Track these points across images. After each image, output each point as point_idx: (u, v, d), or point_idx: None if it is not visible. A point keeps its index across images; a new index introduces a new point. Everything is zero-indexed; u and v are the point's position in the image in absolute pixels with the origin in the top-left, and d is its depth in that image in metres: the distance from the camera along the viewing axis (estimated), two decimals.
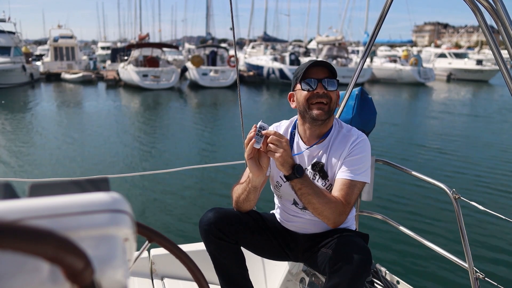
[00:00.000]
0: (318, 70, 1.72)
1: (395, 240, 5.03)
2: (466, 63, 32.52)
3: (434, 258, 4.51)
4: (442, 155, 9.87)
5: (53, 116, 15.43)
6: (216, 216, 1.75)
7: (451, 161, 9.25)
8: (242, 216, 1.82)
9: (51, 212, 0.45)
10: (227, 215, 1.78)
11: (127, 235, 0.51)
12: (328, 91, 1.70)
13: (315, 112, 1.71)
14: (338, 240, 1.62)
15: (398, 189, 7.08)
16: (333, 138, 1.78)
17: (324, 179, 1.76)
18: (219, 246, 1.77)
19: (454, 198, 1.78)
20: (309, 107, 1.72)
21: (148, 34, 37.68)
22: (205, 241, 1.79)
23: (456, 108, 18.57)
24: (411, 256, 4.82)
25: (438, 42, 55.69)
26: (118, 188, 6.74)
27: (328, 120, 1.75)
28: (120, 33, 76.59)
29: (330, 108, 1.72)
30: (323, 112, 1.70)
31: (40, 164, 8.80)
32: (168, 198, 6.74)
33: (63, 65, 29.51)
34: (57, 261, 0.40)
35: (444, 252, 1.91)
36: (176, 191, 7.03)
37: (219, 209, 1.80)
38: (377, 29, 2.22)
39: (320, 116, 1.71)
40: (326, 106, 1.71)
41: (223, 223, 1.75)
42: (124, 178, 7.09)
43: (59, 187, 0.53)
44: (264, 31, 46.13)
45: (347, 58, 28.90)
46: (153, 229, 0.79)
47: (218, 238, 1.75)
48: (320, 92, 1.69)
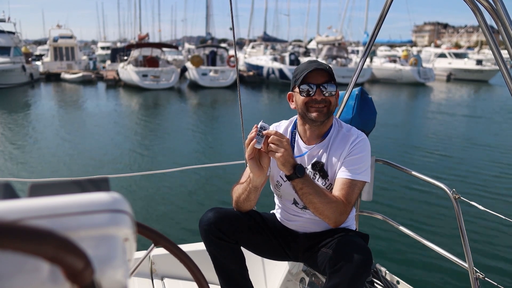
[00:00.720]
0: (317, 74, 1.71)
1: (395, 240, 5.03)
2: (466, 63, 32.53)
3: (434, 258, 4.51)
4: (442, 155, 9.88)
5: (53, 116, 15.42)
6: (216, 216, 1.75)
7: (451, 161, 9.26)
8: (242, 216, 1.82)
9: (51, 212, 0.45)
10: (227, 215, 1.78)
11: (127, 235, 0.51)
12: (327, 97, 1.70)
13: (313, 115, 1.72)
14: (338, 240, 1.62)
15: (398, 189, 7.08)
16: (333, 138, 1.78)
17: (324, 178, 1.76)
18: (219, 246, 1.77)
19: (454, 198, 1.78)
20: (308, 109, 1.73)
21: (148, 34, 37.71)
22: (205, 241, 1.79)
23: (456, 108, 18.58)
24: (411, 256, 4.83)
25: (438, 42, 55.69)
26: (118, 188, 6.74)
27: (328, 120, 1.76)
28: (119, 33, 76.71)
29: (329, 110, 1.73)
30: (321, 114, 1.71)
31: (40, 164, 8.80)
32: (168, 198, 6.74)
33: (62, 65, 29.52)
34: (57, 261, 0.40)
35: (444, 252, 1.91)
36: (176, 191, 7.04)
37: (219, 209, 1.80)
38: (377, 29, 2.22)
39: (319, 118, 1.72)
40: (324, 108, 1.71)
41: (223, 223, 1.75)
42: (124, 178, 7.09)
43: (59, 187, 0.53)
44: (264, 31, 46.17)
45: (346, 58, 28.90)
46: (159, 232, 0.79)
47: (218, 238, 1.75)
48: (319, 99, 1.70)
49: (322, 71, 1.71)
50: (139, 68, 23.31)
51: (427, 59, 34.50)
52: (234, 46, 2.35)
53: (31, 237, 0.38)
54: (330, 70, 1.73)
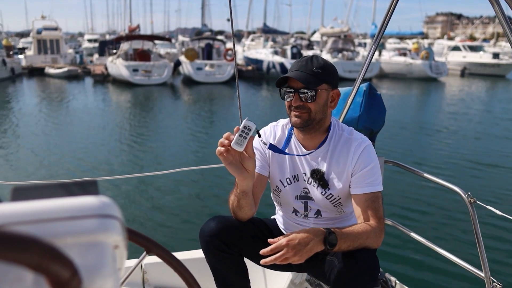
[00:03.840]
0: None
1: (406, 248, 5.03)
2: (481, 57, 32.56)
3: (447, 267, 4.51)
4: (456, 156, 9.88)
5: (37, 114, 15.41)
6: (219, 227, 1.72)
7: (466, 163, 9.25)
8: (246, 225, 1.79)
9: (35, 217, 0.45)
10: (231, 224, 1.76)
11: (117, 242, 0.51)
12: (306, 103, 1.65)
13: (293, 119, 1.70)
14: None
15: (409, 193, 7.08)
16: (332, 144, 1.75)
17: (324, 188, 1.75)
18: (221, 258, 1.75)
19: (470, 202, 1.78)
20: (290, 112, 1.72)
21: (139, 25, 37.70)
22: (206, 253, 1.77)
23: (470, 105, 18.60)
24: (422, 265, 4.83)
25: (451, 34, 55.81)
26: (108, 191, 6.74)
27: (319, 125, 1.71)
28: (108, 25, 76.60)
29: (310, 117, 1.67)
30: (300, 120, 1.67)
31: (23, 166, 8.79)
32: (161, 202, 6.73)
33: (47, 59, 29.50)
34: (42, 270, 0.40)
35: (458, 260, 1.91)
36: (169, 194, 7.03)
37: (222, 217, 1.77)
38: (386, 20, 2.22)
39: (297, 124, 1.69)
40: (305, 114, 1.67)
41: (227, 233, 1.73)
42: (114, 180, 7.09)
43: (43, 190, 0.53)
44: (264, 22, 46.17)
45: (353, 51, 28.92)
46: (151, 239, 0.79)
47: (220, 250, 1.73)
48: (295, 105, 1.67)
49: (304, 74, 1.64)
50: (129, 62, 23.30)
51: (439, 52, 34.54)
52: (233, 38, 2.35)
53: (14, 244, 0.38)
54: (318, 72, 1.64)
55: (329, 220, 1.82)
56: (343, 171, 1.72)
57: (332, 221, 1.82)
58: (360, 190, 1.69)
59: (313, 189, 1.77)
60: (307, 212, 1.82)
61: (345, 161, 1.72)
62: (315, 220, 1.82)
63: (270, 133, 1.88)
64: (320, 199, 1.77)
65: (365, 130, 2.25)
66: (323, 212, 1.80)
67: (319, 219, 1.82)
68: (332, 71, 1.71)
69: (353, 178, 1.71)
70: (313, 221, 1.82)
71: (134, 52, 24.33)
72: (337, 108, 2.26)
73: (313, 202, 1.80)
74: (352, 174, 1.71)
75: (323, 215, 1.81)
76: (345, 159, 1.72)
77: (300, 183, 1.80)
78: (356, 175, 1.70)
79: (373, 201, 1.67)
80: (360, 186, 1.69)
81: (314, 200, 1.79)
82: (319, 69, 1.65)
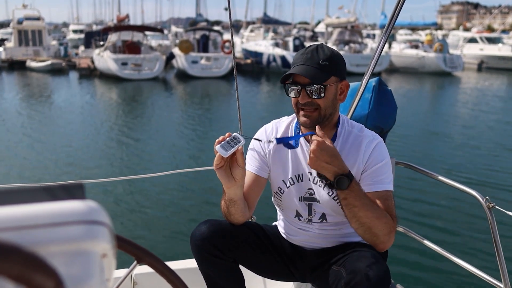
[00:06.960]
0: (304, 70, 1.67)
1: (418, 256, 5.04)
2: (500, 49, 32.59)
3: (463, 277, 4.52)
4: (473, 157, 9.89)
5: (18, 111, 15.42)
6: (210, 230, 1.74)
7: (484, 165, 9.26)
8: (241, 230, 1.81)
9: (16, 224, 0.45)
10: (224, 228, 1.77)
11: (105, 250, 0.51)
12: (314, 99, 1.66)
13: (302, 119, 1.71)
14: (351, 257, 1.62)
15: (422, 197, 7.09)
16: (341, 141, 1.77)
17: (332, 187, 1.75)
18: (214, 264, 1.76)
19: (488, 207, 1.79)
20: (298, 111, 1.73)
21: (128, 15, 37.62)
22: (198, 259, 1.79)
23: (488, 103, 18.62)
24: (436, 275, 4.83)
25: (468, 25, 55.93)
26: (95, 195, 6.74)
27: (328, 122, 1.73)
28: (95, 14, 76.64)
29: (320, 115, 1.68)
30: (310, 120, 1.68)
31: (4, 168, 8.79)
32: (152, 206, 6.74)
33: (28, 51, 29.51)
34: (23, 281, 0.40)
35: (475, 269, 1.91)
36: (162, 199, 7.04)
37: (214, 221, 1.79)
38: (397, 10, 2.22)
39: (307, 124, 1.70)
40: (314, 113, 1.68)
41: (219, 238, 1.74)
42: (102, 183, 7.09)
43: (25, 194, 0.53)
44: (264, 11, 46.25)
45: (361, 44, 28.97)
46: (142, 247, 0.79)
47: (213, 255, 1.74)
48: (302, 102, 1.67)
49: (310, 68, 1.64)
50: (118, 55, 23.32)
51: (454, 44, 34.62)
52: (231, 29, 2.35)
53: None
54: (325, 64, 1.64)
55: (335, 225, 1.82)
56: (352, 169, 1.71)
57: (338, 226, 1.83)
58: (372, 188, 1.70)
59: (319, 190, 1.78)
60: (311, 216, 1.82)
61: (355, 158, 1.73)
62: (320, 225, 1.82)
63: (272, 130, 1.89)
64: (326, 200, 1.77)
65: (375, 128, 2.25)
66: (329, 216, 1.80)
67: (324, 224, 1.82)
68: (340, 62, 1.72)
69: (363, 175, 1.72)
70: (318, 226, 1.82)
71: (123, 44, 24.35)
72: (345, 105, 2.26)
73: (318, 204, 1.80)
74: (362, 171, 1.73)
75: (328, 219, 1.81)
76: (355, 156, 1.73)
77: (304, 183, 1.81)
78: (367, 172, 1.72)
79: (386, 199, 1.68)
80: (372, 183, 1.70)
81: (320, 202, 1.79)
82: (326, 61, 1.65)
